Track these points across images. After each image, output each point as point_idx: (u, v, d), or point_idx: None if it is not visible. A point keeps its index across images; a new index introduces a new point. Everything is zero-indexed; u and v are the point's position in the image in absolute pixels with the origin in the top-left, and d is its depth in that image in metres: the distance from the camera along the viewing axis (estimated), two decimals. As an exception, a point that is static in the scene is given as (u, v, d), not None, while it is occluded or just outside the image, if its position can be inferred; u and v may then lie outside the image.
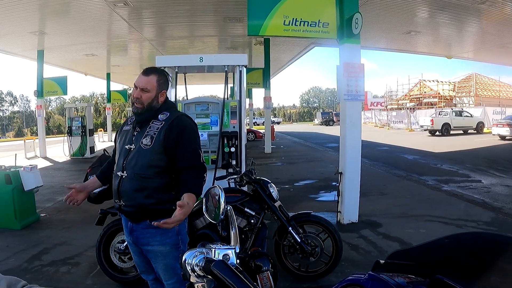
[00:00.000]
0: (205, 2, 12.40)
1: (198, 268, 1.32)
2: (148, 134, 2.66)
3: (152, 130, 2.67)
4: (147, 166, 2.61)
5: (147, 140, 2.63)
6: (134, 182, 2.62)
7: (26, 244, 5.94)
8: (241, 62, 6.39)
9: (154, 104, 2.72)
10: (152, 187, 2.61)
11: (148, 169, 2.61)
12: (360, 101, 7.12)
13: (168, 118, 2.70)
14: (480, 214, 7.13)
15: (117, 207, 2.78)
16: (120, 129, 2.93)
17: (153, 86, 2.70)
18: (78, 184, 2.95)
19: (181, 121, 2.70)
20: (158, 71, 2.79)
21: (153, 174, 2.61)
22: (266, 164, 14.72)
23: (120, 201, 2.70)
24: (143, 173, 2.61)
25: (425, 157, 15.92)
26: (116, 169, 2.75)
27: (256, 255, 1.62)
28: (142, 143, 2.64)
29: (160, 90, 2.74)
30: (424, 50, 21.69)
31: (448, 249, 1.32)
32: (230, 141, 6.13)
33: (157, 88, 2.72)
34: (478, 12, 13.07)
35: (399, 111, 45.94)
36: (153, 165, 2.62)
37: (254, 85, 19.08)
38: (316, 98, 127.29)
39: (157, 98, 2.73)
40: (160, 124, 2.68)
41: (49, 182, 10.60)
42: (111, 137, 30.70)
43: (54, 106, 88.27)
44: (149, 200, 2.60)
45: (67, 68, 25.26)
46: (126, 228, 2.83)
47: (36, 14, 12.95)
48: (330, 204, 7.71)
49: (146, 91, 2.69)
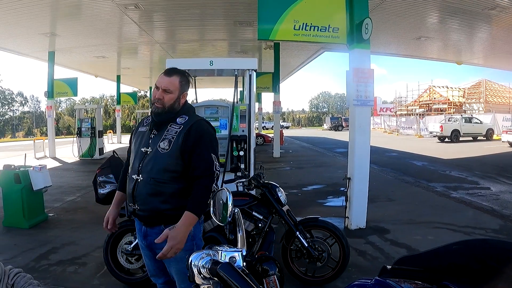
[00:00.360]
0: (215, 6, 12.46)
1: (204, 270, 1.33)
2: (166, 138, 2.59)
3: (170, 133, 2.60)
4: (164, 170, 2.55)
5: (164, 144, 2.57)
6: (150, 187, 2.55)
7: (34, 243, 5.98)
8: (251, 66, 6.41)
9: (176, 106, 2.66)
10: (168, 192, 2.55)
11: (165, 174, 2.55)
12: (370, 107, 7.10)
13: (186, 122, 2.64)
14: (488, 221, 7.07)
15: (131, 211, 2.72)
16: (136, 129, 2.86)
17: (175, 87, 2.63)
18: (111, 214, 2.94)
19: (199, 127, 2.63)
20: (180, 72, 2.72)
21: (169, 179, 2.55)
22: (274, 168, 14.71)
23: (134, 205, 2.64)
24: (159, 178, 2.54)
25: (434, 164, 15.82)
26: (131, 172, 2.69)
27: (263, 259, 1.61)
28: (159, 147, 2.57)
29: (182, 91, 2.69)
30: (434, 56, 21.62)
31: (456, 256, 1.31)
32: (239, 145, 6.14)
33: (179, 89, 2.66)
34: (489, 18, 13.01)
35: (408, 117, 45.75)
36: (170, 170, 2.55)
37: (263, 89, 19.13)
38: (325, 103, 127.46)
39: (178, 100, 2.67)
40: (178, 128, 2.61)
41: (57, 182, 10.68)
42: (120, 139, 31.02)
43: (64, 107, 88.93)
44: (165, 205, 2.55)
45: (78, 70, 25.43)
46: (139, 232, 2.76)
47: (47, 16, 13.08)
48: (338, 209, 7.69)
49: (169, 92, 2.61)
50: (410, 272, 1.35)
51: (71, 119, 69.59)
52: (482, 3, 11.47)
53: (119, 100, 30.68)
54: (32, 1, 11.24)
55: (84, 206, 8.42)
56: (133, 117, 60.81)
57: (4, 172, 6.91)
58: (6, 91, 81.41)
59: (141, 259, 4.15)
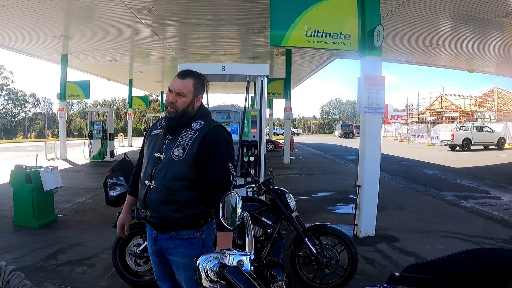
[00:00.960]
0: (228, 12, 12.53)
1: (212, 273, 1.32)
2: (180, 144, 2.48)
3: (185, 140, 2.49)
4: (177, 178, 2.45)
5: (178, 151, 2.46)
6: (162, 194, 2.46)
7: (42, 242, 6.03)
8: (262, 72, 6.42)
9: (189, 110, 2.54)
10: (181, 200, 2.46)
11: (178, 182, 2.45)
12: (381, 114, 7.07)
13: (202, 128, 2.52)
14: (498, 231, 6.99)
15: (143, 217, 2.65)
16: (149, 132, 2.76)
17: (189, 90, 2.51)
18: (126, 220, 2.91)
19: (215, 133, 2.51)
20: (194, 74, 2.58)
21: (182, 187, 2.45)
22: (284, 174, 14.69)
23: (146, 211, 2.57)
24: (172, 186, 2.45)
25: (445, 172, 15.71)
26: (143, 177, 2.60)
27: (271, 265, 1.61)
28: (173, 153, 2.47)
29: (196, 94, 2.55)
30: (445, 64, 21.52)
31: (465, 264, 1.30)
32: (249, 150, 6.16)
33: (193, 92, 2.53)
34: (501, 25, 12.93)
35: (419, 125, 45.52)
36: (184, 178, 2.46)
37: (274, 96, 19.13)
38: (336, 110, 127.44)
39: (193, 104, 2.55)
40: (193, 134, 2.50)
41: (68, 183, 10.74)
42: (131, 142, 31.29)
43: (76, 110, 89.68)
44: (177, 214, 2.46)
45: (90, 73, 25.69)
46: (150, 236, 2.67)
47: (61, 19, 13.24)
48: (347, 216, 7.67)
49: (182, 96, 2.49)
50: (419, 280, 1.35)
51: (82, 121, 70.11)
52: (494, 11, 11.41)
53: (131, 104, 30.92)
54: (46, 4, 11.38)
55: (94, 208, 8.47)
56: (144, 121, 61.15)
57: (15, 172, 6.97)
58: (19, 92, 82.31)
59: (149, 262, 4.15)
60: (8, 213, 7.56)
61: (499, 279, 1.20)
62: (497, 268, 1.22)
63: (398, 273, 1.39)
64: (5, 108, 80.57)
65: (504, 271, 1.20)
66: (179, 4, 11.81)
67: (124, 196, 3.11)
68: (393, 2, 10.80)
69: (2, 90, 77.91)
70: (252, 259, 1.42)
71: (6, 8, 11.51)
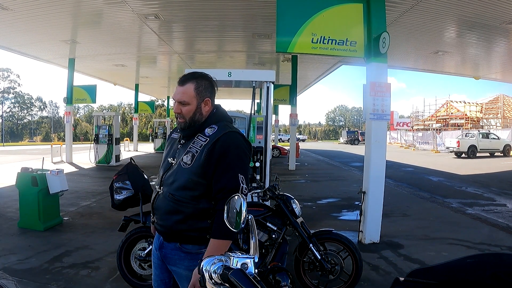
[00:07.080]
0: (234, 18, 12.56)
1: (215, 275, 1.33)
2: (190, 151, 2.28)
3: (195, 146, 2.29)
4: (184, 188, 2.26)
5: (187, 158, 2.27)
6: (168, 203, 2.31)
7: (48, 245, 6.06)
8: (269, 78, 6.44)
9: (197, 117, 2.34)
10: (187, 212, 2.27)
11: (184, 192, 2.26)
12: (386, 121, 7.07)
13: (214, 134, 2.28)
14: (504, 238, 6.96)
15: (152, 221, 2.53)
16: (170, 134, 2.62)
17: (191, 97, 2.30)
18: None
19: (227, 141, 2.25)
20: (195, 77, 2.34)
21: (188, 197, 2.26)
22: (289, 180, 14.66)
23: (153, 217, 2.48)
24: (178, 195, 2.27)
25: (450, 179, 15.64)
26: (156, 180, 2.49)
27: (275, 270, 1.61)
28: (182, 160, 2.29)
29: (201, 99, 2.33)
30: (451, 71, 21.45)
31: (470, 270, 1.30)
32: (255, 156, 6.17)
33: (196, 97, 2.31)
34: (506, 32, 12.87)
35: (425, 131, 45.42)
36: (189, 188, 2.26)
37: (280, 102, 19.12)
38: (342, 117, 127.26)
39: (199, 110, 2.33)
40: (204, 141, 2.28)
41: (73, 187, 10.79)
42: (137, 146, 31.51)
43: (82, 114, 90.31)
44: (181, 225, 2.28)
45: (97, 77, 25.78)
46: (157, 240, 2.52)
47: (69, 24, 13.32)
48: (352, 223, 7.66)
49: (185, 104, 2.30)
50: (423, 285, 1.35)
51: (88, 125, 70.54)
52: (499, 17, 11.37)
53: (137, 109, 30.99)
54: (54, 9, 11.47)
55: (99, 211, 8.50)
56: (150, 126, 61.34)
57: (21, 174, 7.02)
58: (26, 95, 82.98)
59: (154, 266, 4.17)
60: (14, 215, 7.62)
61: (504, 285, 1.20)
62: (502, 273, 1.22)
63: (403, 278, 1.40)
64: (11, 111, 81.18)
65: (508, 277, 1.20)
66: (186, 10, 11.85)
67: (130, 200, 3.09)
68: (398, 9, 10.79)
69: (9, 93, 78.54)
70: (257, 262, 1.41)
71: (15, 12, 11.60)
